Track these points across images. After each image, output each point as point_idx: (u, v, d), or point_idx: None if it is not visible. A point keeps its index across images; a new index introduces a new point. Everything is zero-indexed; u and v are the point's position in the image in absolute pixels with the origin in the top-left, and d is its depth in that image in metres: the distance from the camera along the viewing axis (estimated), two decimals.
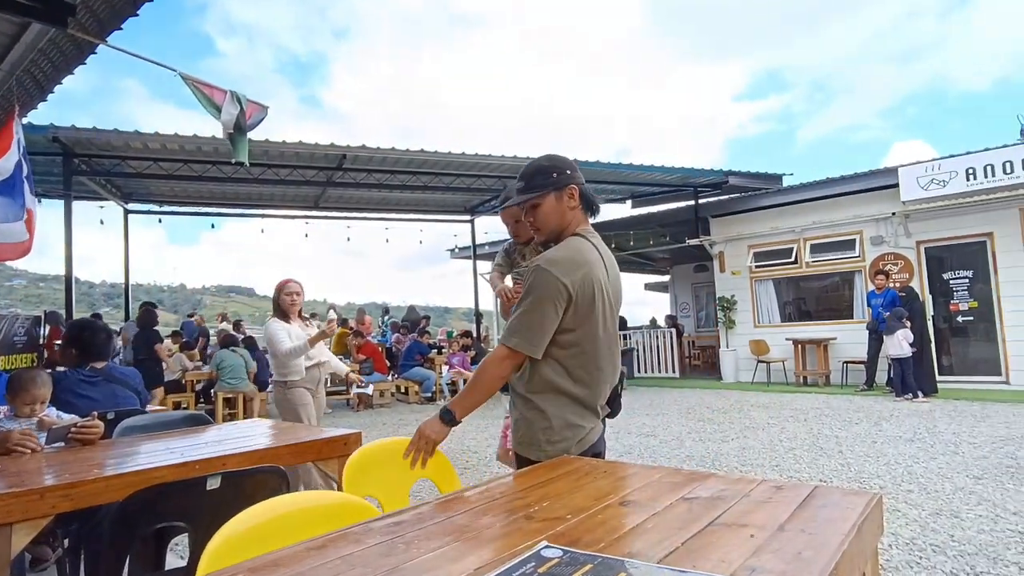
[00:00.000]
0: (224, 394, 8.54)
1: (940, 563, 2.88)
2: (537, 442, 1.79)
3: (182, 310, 70.44)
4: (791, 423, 6.85)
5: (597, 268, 1.80)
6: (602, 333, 1.80)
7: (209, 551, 1.19)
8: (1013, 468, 4.52)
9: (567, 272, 1.71)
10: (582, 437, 1.80)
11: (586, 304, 1.75)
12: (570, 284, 1.71)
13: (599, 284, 1.78)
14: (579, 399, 1.79)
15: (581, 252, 1.79)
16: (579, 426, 1.79)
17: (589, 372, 1.79)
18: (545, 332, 1.73)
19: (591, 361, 1.79)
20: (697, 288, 17.18)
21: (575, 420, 1.79)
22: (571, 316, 1.74)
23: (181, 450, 2.18)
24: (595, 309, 1.77)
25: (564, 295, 1.71)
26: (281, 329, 3.98)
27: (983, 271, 9.21)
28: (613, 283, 1.88)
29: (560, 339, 1.76)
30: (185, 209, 12.07)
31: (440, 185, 11.36)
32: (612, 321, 1.86)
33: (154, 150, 8.69)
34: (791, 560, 0.95)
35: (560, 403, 1.78)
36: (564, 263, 1.73)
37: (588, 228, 1.91)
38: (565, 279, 1.70)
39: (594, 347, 1.79)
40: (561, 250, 1.80)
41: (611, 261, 1.92)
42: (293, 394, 3.96)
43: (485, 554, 1.06)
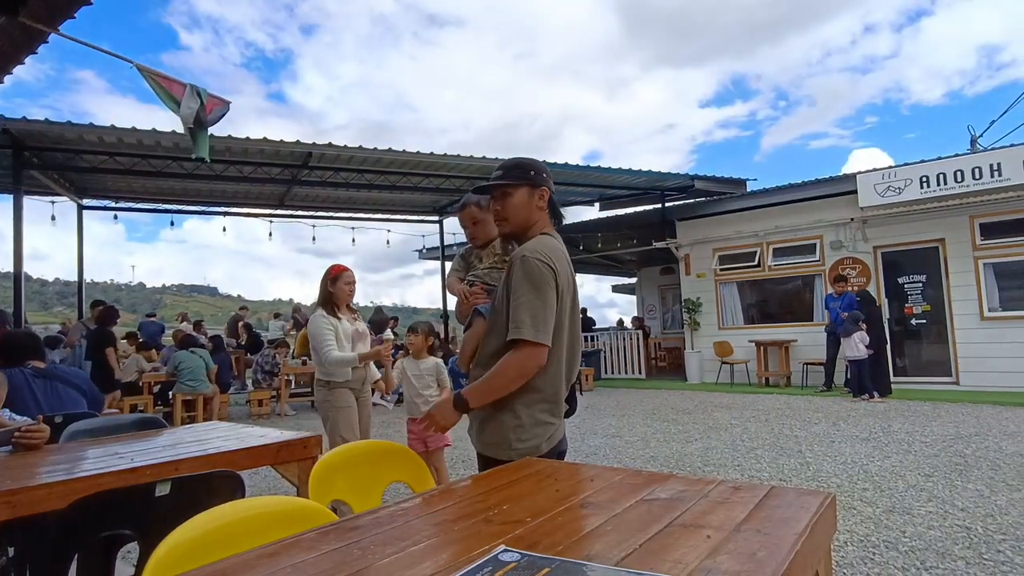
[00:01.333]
0: (183, 396, 8.31)
1: (892, 559, 2.96)
2: (507, 441, 1.77)
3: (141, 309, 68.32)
4: (753, 423, 6.98)
5: (567, 264, 1.86)
6: (570, 329, 1.84)
7: (154, 560, 1.14)
8: (961, 466, 4.69)
9: (553, 260, 1.75)
10: (551, 435, 1.81)
11: (565, 299, 1.79)
12: (558, 272, 1.75)
13: (568, 279, 1.83)
14: (548, 397, 1.80)
15: (557, 248, 1.84)
16: (549, 424, 1.81)
17: (558, 369, 1.81)
18: (551, 319, 1.72)
19: (561, 358, 1.82)
20: (664, 290, 17.40)
21: (545, 418, 1.79)
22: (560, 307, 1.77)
23: (131, 455, 2.10)
24: (564, 303, 1.80)
25: (555, 281, 1.74)
26: (328, 329, 3.62)
27: (935, 276, 9.55)
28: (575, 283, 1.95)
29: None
30: (143, 205, 11.72)
31: (408, 185, 11.27)
32: (577, 317, 1.91)
33: (110, 144, 8.41)
34: (746, 560, 0.96)
35: (531, 401, 1.77)
36: (548, 253, 1.77)
37: (553, 232, 1.94)
38: (555, 265, 1.75)
39: (563, 342, 1.81)
40: (540, 243, 1.82)
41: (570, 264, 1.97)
42: (335, 396, 3.66)
43: (442, 559, 1.05)
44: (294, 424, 8.49)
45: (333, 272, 3.80)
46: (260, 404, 9.68)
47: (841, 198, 10.23)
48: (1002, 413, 6.97)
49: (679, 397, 9.77)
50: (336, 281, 3.76)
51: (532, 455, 1.78)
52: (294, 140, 8.78)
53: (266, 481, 5.00)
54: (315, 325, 3.67)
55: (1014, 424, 6.28)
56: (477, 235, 2.21)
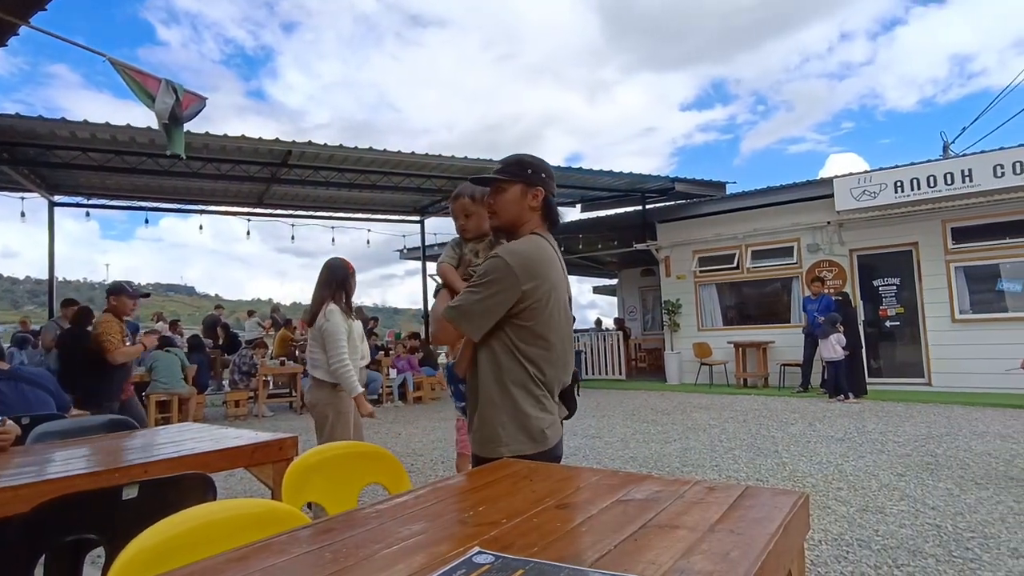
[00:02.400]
0: (157, 397, 8.16)
1: (865, 557, 3.01)
2: (499, 440, 1.78)
3: None
4: (731, 424, 7.05)
5: (554, 266, 1.85)
6: (558, 330, 1.84)
7: (118, 565, 1.11)
8: (932, 465, 4.78)
9: (523, 265, 1.74)
10: (544, 436, 1.80)
11: (543, 299, 1.78)
12: (523, 276, 1.74)
13: (555, 281, 1.83)
14: (539, 397, 1.81)
15: (541, 249, 1.83)
16: (540, 422, 1.80)
17: (547, 370, 1.82)
18: (484, 318, 1.76)
19: (549, 358, 1.82)
20: (644, 292, 17.52)
21: (537, 417, 1.80)
22: (528, 309, 1.76)
23: (99, 457, 2.05)
24: (550, 306, 1.80)
25: (515, 285, 1.73)
26: (343, 330, 3.53)
27: (909, 279, 9.74)
28: (568, 282, 1.97)
29: (520, 333, 1.78)
30: (117, 203, 11.49)
31: (389, 185, 11.20)
32: (567, 320, 1.89)
33: (83, 140, 8.23)
34: (719, 561, 0.96)
35: (522, 400, 1.79)
36: (523, 256, 1.77)
37: (545, 233, 1.94)
38: (519, 271, 1.73)
39: (551, 344, 1.82)
40: (522, 244, 1.83)
41: (562, 262, 1.98)
42: (340, 399, 3.57)
43: (415, 561, 1.03)
44: (271, 426, 8.39)
45: (345, 266, 3.73)
46: (237, 405, 9.55)
47: (818, 202, 10.39)
48: (972, 413, 7.13)
49: (659, 398, 9.84)
50: (349, 275, 3.73)
51: (526, 453, 1.77)
52: (273, 138, 8.68)
53: (242, 483, 4.93)
54: (333, 323, 3.52)
55: (983, 424, 6.43)
56: (468, 228, 2.18)
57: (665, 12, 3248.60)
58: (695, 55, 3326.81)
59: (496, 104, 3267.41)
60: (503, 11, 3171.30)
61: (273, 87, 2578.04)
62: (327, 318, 3.52)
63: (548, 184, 1.93)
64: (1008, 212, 8.76)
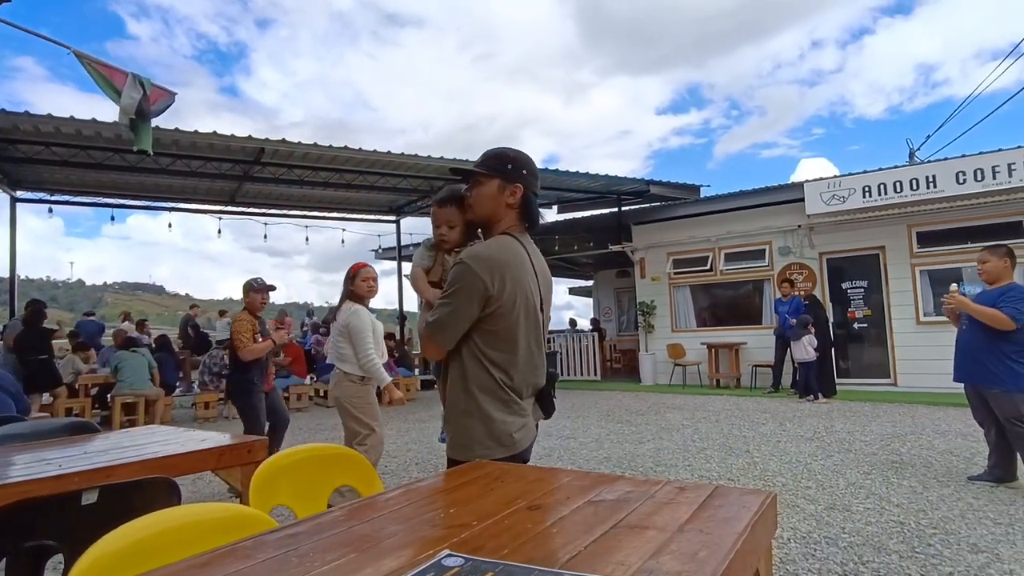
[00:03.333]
0: (122, 399, 7.96)
1: (832, 554, 3.06)
2: (469, 444, 1.76)
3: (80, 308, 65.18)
4: (704, 424, 7.13)
5: (522, 268, 1.79)
6: (525, 334, 1.80)
7: (76, 572, 1.08)
8: (897, 463, 4.89)
9: (488, 269, 1.70)
10: (513, 439, 1.78)
11: (508, 302, 1.74)
12: (489, 280, 1.70)
13: (522, 284, 1.77)
14: (506, 401, 1.78)
15: (505, 250, 1.77)
16: (509, 426, 1.77)
17: (514, 374, 1.79)
18: (457, 328, 1.74)
19: (515, 362, 1.79)
20: (619, 293, 17.65)
21: (505, 421, 1.76)
22: (493, 313, 1.73)
23: (59, 461, 1.99)
24: (517, 308, 1.76)
25: (482, 291, 1.70)
26: (369, 328, 3.83)
27: (876, 282, 9.97)
28: (544, 286, 1.89)
29: (485, 338, 1.75)
30: (82, 199, 11.18)
31: (364, 184, 11.11)
32: (536, 321, 1.83)
33: (47, 134, 7.99)
34: (688, 560, 0.96)
35: (488, 405, 1.76)
36: (486, 259, 1.72)
37: (522, 233, 1.88)
38: (484, 275, 1.69)
39: (518, 348, 1.78)
40: (487, 245, 1.79)
41: (542, 266, 1.92)
42: (368, 391, 3.93)
43: (384, 565, 1.02)
44: (238, 427, 8.24)
45: (352, 270, 3.98)
46: (207, 407, 9.36)
47: (789, 205, 10.58)
48: (935, 413, 7.32)
49: (633, 398, 9.91)
50: (354, 278, 3.91)
51: (495, 457, 1.75)
52: (246, 135, 8.53)
53: (210, 487, 4.84)
54: (359, 319, 3.81)
55: (945, 423, 6.61)
56: (448, 239, 2.02)
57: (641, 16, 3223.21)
58: (670, 59, 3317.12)
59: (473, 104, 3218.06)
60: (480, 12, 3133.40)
61: (247, 84, 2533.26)
62: (354, 316, 3.82)
63: (528, 181, 1.85)
64: (969, 217, 9.03)
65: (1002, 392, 3.95)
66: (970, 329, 4.13)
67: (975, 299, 4.19)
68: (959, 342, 4.27)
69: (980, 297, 4.17)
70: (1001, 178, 8.62)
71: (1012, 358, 3.91)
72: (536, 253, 1.90)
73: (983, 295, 4.17)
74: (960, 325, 4.27)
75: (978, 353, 4.06)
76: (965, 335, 4.18)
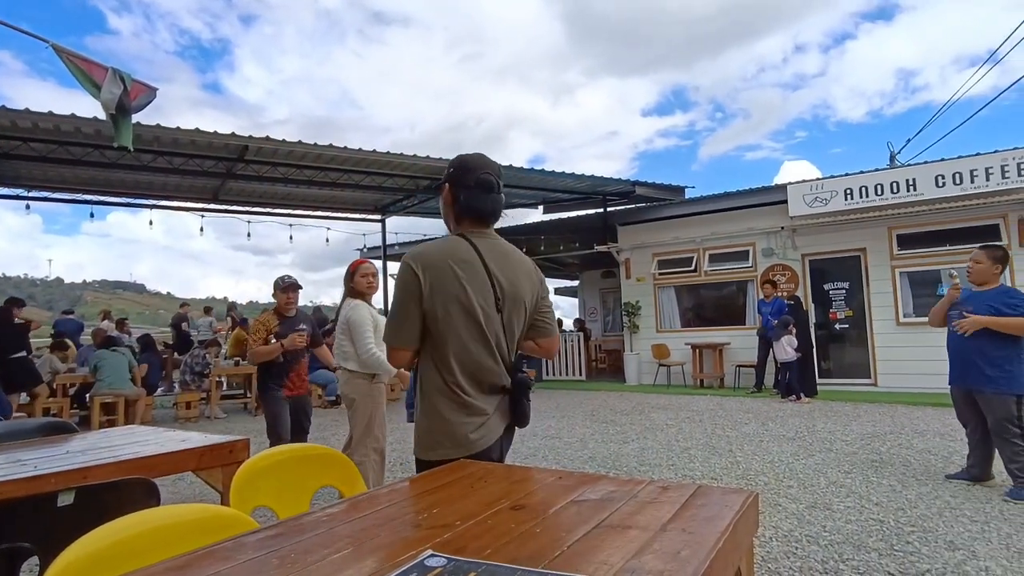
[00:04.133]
0: (101, 398, 7.83)
1: (813, 553, 3.10)
2: (431, 445, 1.77)
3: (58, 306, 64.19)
4: (687, 424, 7.18)
5: (467, 266, 1.75)
6: (464, 331, 1.75)
7: (52, 573, 1.06)
8: (877, 463, 4.96)
9: (421, 266, 1.72)
10: (469, 440, 1.75)
11: (438, 301, 1.71)
12: (422, 276, 1.71)
13: (465, 281, 1.73)
14: (461, 402, 1.75)
15: (445, 249, 1.77)
16: (465, 427, 1.75)
17: (462, 374, 1.76)
18: (403, 326, 1.75)
19: (464, 360, 1.75)
20: (605, 293, 17.71)
21: (460, 422, 1.75)
22: (431, 313, 1.72)
23: (35, 462, 1.95)
24: (448, 307, 1.72)
25: (414, 286, 1.71)
26: (368, 321, 3.74)
27: (857, 283, 10.10)
28: (508, 283, 1.82)
29: (431, 339, 1.76)
30: (61, 195, 10.98)
31: (350, 183, 11.03)
32: (476, 320, 1.76)
33: (24, 129, 7.84)
34: (670, 560, 0.97)
35: (442, 407, 1.75)
36: (419, 257, 1.75)
37: (479, 231, 1.85)
38: (418, 270, 1.72)
39: (465, 346, 1.75)
40: (424, 245, 1.81)
41: (505, 264, 1.84)
42: (377, 391, 3.84)
43: (366, 566, 1.01)
44: (224, 428, 8.16)
45: (352, 267, 3.90)
46: (188, 407, 9.25)
47: (773, 207, 10.68)
48: (914, 412, 7.44)
49: (618, 398, 9.95)
50: (354, 275, 3.85)
51: (454, 457, 1.75)
52: (229, 132, 8.44)
53: (191, 488, 4.78)
54: (358, 314, 3.75)
55: (923, 423, 6.71)
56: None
57: (628, 18, 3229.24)
58: (657, 62, 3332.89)
59: (460, 104, 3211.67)
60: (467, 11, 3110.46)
61: (230, 80, 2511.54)
62: (353, 311, 3.78)
63: (454, 176, 1.83)
64: (948, 220, 9.18)
65: (995, 394, 3.95)
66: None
67: (966, 300, 4.18)
68: (952, 344, 4.24)
69: (972, 299, 4.15)
70: (979, 182, 8.78)
71: (1007, 360, 3.93)
72: (495, 251, 1.83)
73: (975, 297, 4.15)
74: (951, 326, 4.23)
75: (972, 355, 4.05)
76: (959, 338, 4.15)
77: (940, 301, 4.42)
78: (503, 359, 1.82)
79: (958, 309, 4.20)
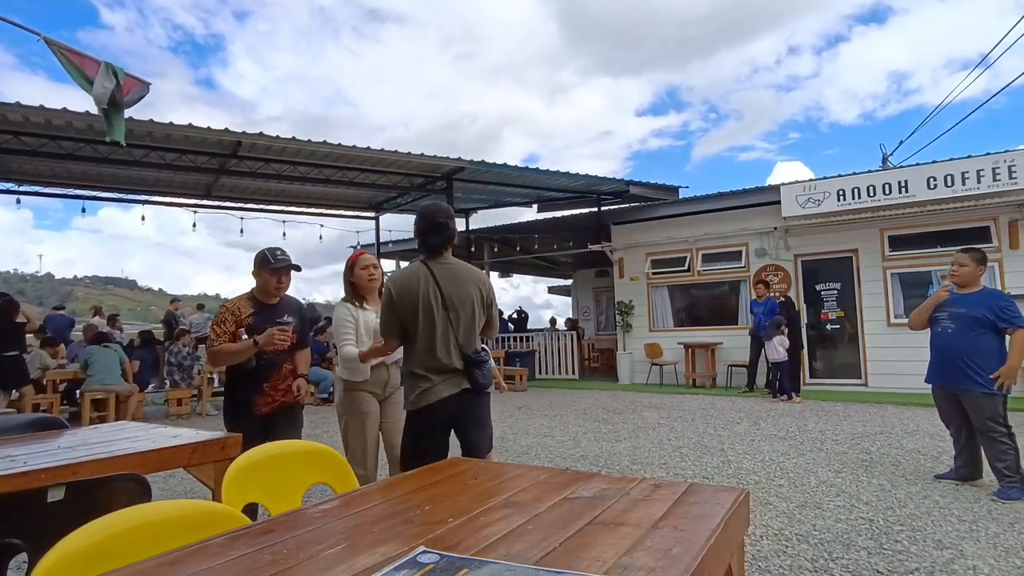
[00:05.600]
0: (92, 394, 7.78)
1: (803, 551, 3.12)
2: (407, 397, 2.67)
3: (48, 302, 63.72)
4: (679, 423, 7.20)
5: (422, 283, 2.59)
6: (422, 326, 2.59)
7: (40, 570, 1.05)
8: (867, 462, 4.99)
9: (395, 285, 2.63)
10: (418, 398, 2.58)
11: (408, 305, 2.58)
12: (394, 291, 2.61)
13: (422, 293, 2.58)
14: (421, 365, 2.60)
15: (405, 274, 2.68)
16: (416, 389, 2.60)
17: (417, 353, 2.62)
18: (388, 324, 2.66)
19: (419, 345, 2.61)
20: (598, 292, 17.73)
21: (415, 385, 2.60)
22: (400, 312, 2.60)
23: (24, 458, 1.94)
24: (417, 310, 2.57)
25: (389, 297, 2.62)
26: (348, 321, 3.25)
27: (849, 284, 10.16)
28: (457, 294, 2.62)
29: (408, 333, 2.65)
30: (52, 190, 10.89)
31: (344, 180, 11.00)
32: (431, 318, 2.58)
33: (15, 123, 7.78)
34: (661, 557, 0.97)
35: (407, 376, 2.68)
36: (392, 280, 2.68)
37: (435, 259, 2.67)
38: (392, 288, 2.62)
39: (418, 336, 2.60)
40: (400, 271, 2.86)
41: (450, 277, 2.64)
42: (353, 399, 3.27)
43: (358, 562, 1.01)
44: (216, 425, 8.09)
45: (350, 260, 3.49)
46: (179, 404, 9.20)
47: (766, 208, 10.72)
48: (904, 413, 7.49)
49: (610, 397, 9.97)
50: (353, 268, 3.42)
51: (411, 409, 2.62)
52: (222, 128, 8.39)
53: (183, 484, 4.76)
54: (337, 315, 3.36)
55: (913, 423, 6.76)
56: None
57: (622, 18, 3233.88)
58: (651, 62, 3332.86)
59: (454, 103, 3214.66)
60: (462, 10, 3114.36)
61: (224, 76, 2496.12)
62: (334, 312, 3.47)
63: (418, 225, 2.69)
64: (940, 222, 9.25)
65: (982, 394, 3.96)
66: (956, 333, 4.09)
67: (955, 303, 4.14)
68: (939, 344, 4.22)
69: (961, 302, 4.13)
70: (970, 184, 8.84)
71: (992, 360, 3.94)
72: (446, 271, 2.65)
73: (964, 299, 4.13)
74: (937, 328, 4.22)
75: (957, 356, 4.05)
76: (947, 337, 4.13)
77: (925, 302, 4.37)
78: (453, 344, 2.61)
79: (946, 311, 4.20)
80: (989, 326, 4.00)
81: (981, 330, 4.00)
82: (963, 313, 4.09)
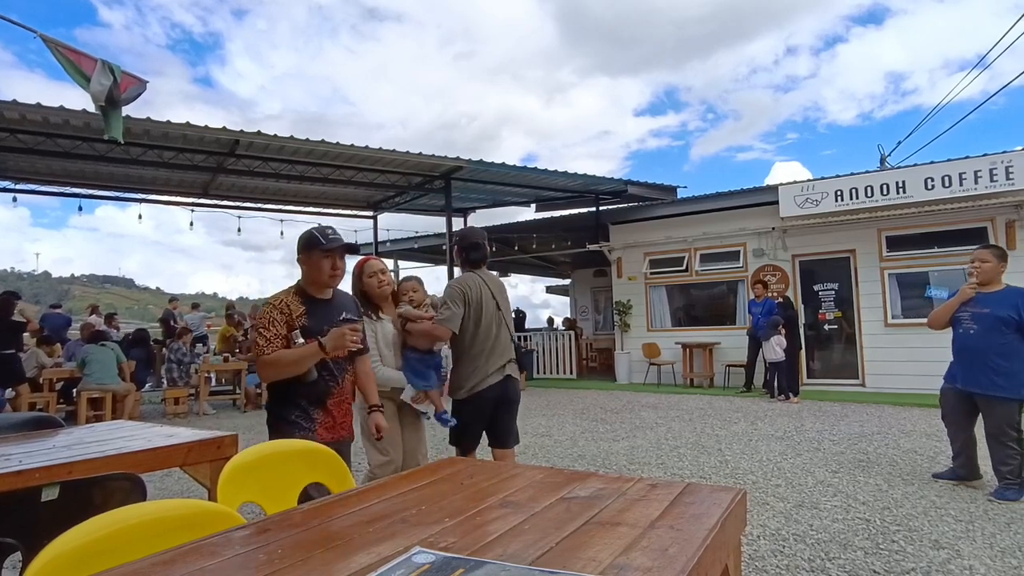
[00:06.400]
0: (89, 393, 7.76)
1: (800, 551, 3.12)
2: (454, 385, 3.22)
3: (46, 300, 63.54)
4: (677, 423, 7.21)
5: (481, 288, 3.26)
6: (486, 321, 3.22)
7: (33, 570, 1.04)
8: (864, 462, 5.00)
9: (468, 288, 3.20)
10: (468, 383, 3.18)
11: (475, 303, 3.18)
12: (469, 293, 3.18)
13: (483, 295, 3.23)
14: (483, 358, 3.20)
15: (466, 279, 3.29)
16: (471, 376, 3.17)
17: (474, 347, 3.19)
18: (453, 318, 3.11)
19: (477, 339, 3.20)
20: (596, 292, 17.73)
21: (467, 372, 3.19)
22: (472, 309, 3.17)
23: (19, 456, 1.93)
24: (482, 307, 3.20)
25: (461, 296, 3.16)
26: (368, 336, 2.99)
27: (846, 284, 10.17)
28: (501, 298, 3.36)
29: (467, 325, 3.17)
30: (49, 188, 10.86)
31: (341, 179, 10.98)
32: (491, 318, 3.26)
33: (12, 120, 7.75)
34: (658, 556, 0.97)
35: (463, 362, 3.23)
36: (460, 281, 3.25)
37: (479, 270, 3.38)
38: (466, 290, 3.19)
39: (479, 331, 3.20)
40: (463, 276, 3.38)
41: (496, 285, 3.38)
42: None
43: (354, 562, 1.01)
44: (213, 424, 8.10)
45: (356, 268, 3.18)
46: (177, 403, 9.18)
47: (764, 208, 10.73)
48: (901, 413, 7.50)
49: (608, 397, 9.97)
50: (360, 277, 3.14)
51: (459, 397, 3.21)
52: (220, 126, 8.38)
53: (179, 484, 4.75)
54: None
55: (910, 423, 6.77)
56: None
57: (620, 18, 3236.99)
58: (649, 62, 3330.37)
59: (453, 102, 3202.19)
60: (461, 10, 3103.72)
61: (222, 75, 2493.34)
62: None
63: (460, 243, 3.41)
64: (937, 223, 9.26)
65: (1002, 399, 3.89)
66: (979, 335, 3.98)
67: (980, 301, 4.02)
68: (962, 346, 4.10)
69: (987, 300, 4.00)
70: (968, 185, 8.86)
71: (1016, 365, 3.86)
72: (490, 279, 3.38)
73: (989, 298, 4.00)
74: (959, 329, 4.11)
75: (983, 358, 3.94)
76: (970, 339, 4.03)
77: (949, 301, 4.23)
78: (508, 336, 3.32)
79: (968, 312, 4.07)
80: (1014, 326, 3.88)
81: (1005, 330, 3.88)
82: (987, 313, 3.97)
